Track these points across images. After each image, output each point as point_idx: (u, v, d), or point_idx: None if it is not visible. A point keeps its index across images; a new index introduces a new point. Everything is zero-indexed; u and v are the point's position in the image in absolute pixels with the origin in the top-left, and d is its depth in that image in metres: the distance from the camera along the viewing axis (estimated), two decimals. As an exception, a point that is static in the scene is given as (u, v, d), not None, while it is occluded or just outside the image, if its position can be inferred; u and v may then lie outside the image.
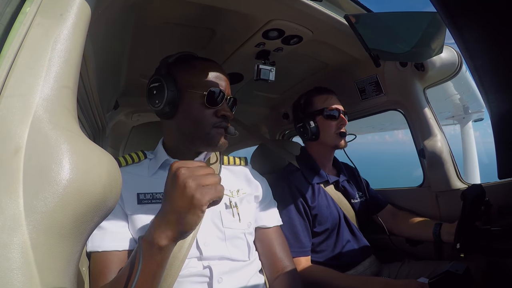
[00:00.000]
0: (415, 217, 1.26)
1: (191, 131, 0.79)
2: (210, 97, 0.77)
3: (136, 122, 1.73)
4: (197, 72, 0.80)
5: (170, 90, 0.76)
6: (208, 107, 0.77)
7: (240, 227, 0.80)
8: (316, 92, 1.29)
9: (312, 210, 1.17)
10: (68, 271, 0.33)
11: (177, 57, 0.83)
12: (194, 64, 0.82)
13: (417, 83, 1.25)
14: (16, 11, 0.39)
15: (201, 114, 0.77)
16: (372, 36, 1.01)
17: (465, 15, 0.34)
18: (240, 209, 0.82)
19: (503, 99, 0.44)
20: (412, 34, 1.02)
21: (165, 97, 0.75)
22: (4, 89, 0.34)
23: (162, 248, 0.54)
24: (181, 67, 0.81)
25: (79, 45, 0.41)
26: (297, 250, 1.09)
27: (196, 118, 0.77)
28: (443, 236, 1.09)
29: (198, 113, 0.77)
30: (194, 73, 0.80)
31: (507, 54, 0.38)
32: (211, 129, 0.78)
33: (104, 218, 0.39)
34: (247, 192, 0.87)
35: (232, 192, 0.84)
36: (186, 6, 0.83)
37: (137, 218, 0.71)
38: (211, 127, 0.78)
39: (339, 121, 1.24)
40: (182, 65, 0.82)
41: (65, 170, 0.33)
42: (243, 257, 0.78)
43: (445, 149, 1.21)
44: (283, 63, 1.19)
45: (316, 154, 1.30)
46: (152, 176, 0.80)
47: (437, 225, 1.12)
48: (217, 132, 0.78)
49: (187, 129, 0.79)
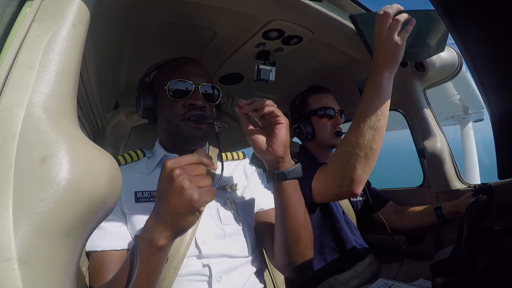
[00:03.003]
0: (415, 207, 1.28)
1: (166, 128, 0.80)
2: (172, 89, 0.77)
3: (136, 122, 1.73)
4: (166, 71, 0.83)
5: (146, 96, 0.81)
6: (174, 100, 0.78)
7: (240, 223, 0.79)
8: (311, 92, 1.29)
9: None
10: (69, 271, 0.33)
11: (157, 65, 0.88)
12: (165, 66, 0.86)
13: (417, 83, 1.25)
14: (16, 11, 0.39)
15: (170, 109, 0.78)
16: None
17: (465, 15, 0.34)
18: (239, 204, 0.81)
19: (503, 99, 0.44)
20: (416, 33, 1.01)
21: (141, 103, 0.81)
22: (4, 89, 0.34)
23: (161, 247, 0.54)
24: (156, 72, 0.86)
25: (79, 45, 0.41)
26: None
27: (166, 114, 0.79)
28: (447, 216, 1.13)
29: (167, 108, 0.79)
30: (163, 73, 0.83)
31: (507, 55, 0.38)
32: (179, 122, 0.77)
33: (104, 218, 0.39)
34: (244, 185, 0.87)
35: (231, 187, 0.84)
36: (186, 6, 0.83)
37: (135, 217, 0.71)
38: (180, 120, 0.77)
39: (335, 120, 1.23)
40: (157, 70, 0.87)
41: (65, 171, 0.33)
42: (243, 253, 0.77)
43: (445, 149, 1.21)
44: (283, 63, 1.18)
45: (315, 153, 1.30)
46: (150, 174, 0.80)
47: (437, 208, 1.15)
48: (186, 124, 0.77)
49: (164, 129, 0.82)
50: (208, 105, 0.81)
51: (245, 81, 1.41)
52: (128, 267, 0.55)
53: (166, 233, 0.53)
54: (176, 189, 0.51)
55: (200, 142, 0.82)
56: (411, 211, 1.28)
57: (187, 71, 0.81)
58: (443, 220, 1.13)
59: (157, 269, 0.56)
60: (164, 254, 0.56)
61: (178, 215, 0.52)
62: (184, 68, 0.81)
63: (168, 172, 0.52)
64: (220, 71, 1.28)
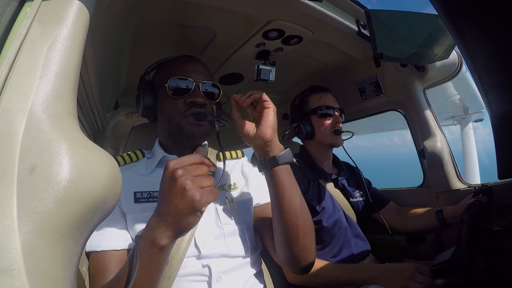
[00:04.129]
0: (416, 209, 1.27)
1: (167, 126, 0.80)
2: (172, 87, 0.77)
3: (136, 122, 1.73)
4: (165, 70, 0.83)
5: (146, 94, 0.81)
6: (174, 97, 0.78)
7: (239, 222, 0.79)
8: (311, 91, 1.29)
9: (310, 206, 1.16)
10: (68, 271, 0.33)
11: (157, 64, 0.88)
12: (164, 64, 0.86)
13: (417, 83, 1.25)
14: (16, 11, 0.39)
15: (170, 106, 0.78)
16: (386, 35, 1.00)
17: (465, 16, 0.34)
18: (237, 203, 0.81)
19: (503, 99, 0.44)
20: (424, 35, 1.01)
21: (141, 102, 0.81)
22: (4, 89, 0.34)
23: (163, 247, 0.54)
24: (156, 71, 0.86)
25: (79, 45, 0.41)
26: None
27: (167, 112, 0.79)
28: (448, 220, 1.11)
29: (167, 106, 0.79)
30: (163, 72, 0.83)
31: (507, 55, 0.38)
32: (180, 119, 0.77)
33: (104, 218, 0.39)
34: (242, 184, 0.87)
35: (229, 186, 0.84)
36: (186, 6, 0.83)
37: (134, 217, 0.71)
38: (181, 117, 0.77)
39: (334, 119, 1.23)
40: (157, 69, 0.87)
41: (65, 171, 0.33)
42: (243, 253, 0.77)
43: (445, 149, 1.21)
44: (283, 64, 1.19)
45: (314, 152, 1.30)
46: (149, 174, 0.80)
47: (438, 212, 1.14)
48: (187, 121, 0.77)
49: (165, 126, 0.81)
50: (209, 102, 0.81)
51: (245, 81, 1.41)
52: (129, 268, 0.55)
53: (168, 233, 0.53)
54: (178, 189, 0.51)
55: (200, 139, 0.82)
56: (413, 213, 1.27)
57: (188, 69, 0.81)
58: (444, 225, 1.12)
59: (158, 269, 0.56)
60: (166, 254, 0.56)
61: (180, 215, 0.52)
62: (185, 66, 0.81)
63: (171, 173, 0.52)
64: (220, 71, 1.28)
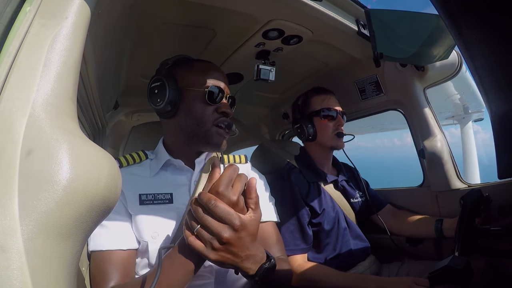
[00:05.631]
0: (415, 215, 1.27)
1: (193, 128, 0.80)
2: (211, 94, 0.79)
3: (136, 122, 1.73)
4: (197, 72, 0.82)
5: (172, 88, 0.78)
6: (209, 104, 0.79)
7: None
8: (314, 93, 1.29)
9: (311, 208, 1.17)
10: (68, 271, 0.33)
11: (176, 59, 0.86)
12: (194, 65, 0.85)
13: (417, 83, 1.25)
14: (16, 10, 0.39)
15: (202, 111, 0.79)
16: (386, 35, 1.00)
17: (465, 14, 0.34)
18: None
19: (503, 99, 0.44)
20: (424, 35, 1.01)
21: (167, 96, 0.78)
22: (4, 89, 0.34)
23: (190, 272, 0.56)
24: (181, 67, 0.84)
25: (79, 45, 0.41)
26: (293, 248, 1.09)
27: (197, 116, 0.79)
28: (445, 232, 1.09)
29: (199, 110, 0.79)
30: (194, 73, 0.82)
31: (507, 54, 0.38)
32: (211, 127, 0.79)
33: (104, 218, 0.39)
34: None
35: None
36: (186, 6, 0.83)
37: (139, 219, 0.72)
38: (212, 125, 0.79)
39: (337, 122, 1.24)
40: (182, 65, 0.84)
41: (65, 170, 0.33)
42: None
43: (445, 149, 1.21)
44: (283, 63, 1.18)
45: (315, 154, 1.30)
46: (153, 176, 0.80)
47: (438, 221, 1.12)
48: (217, 131, 0.80)
49: (188, 127, 0.80)
50: None
51: (245, 81, 1.41)
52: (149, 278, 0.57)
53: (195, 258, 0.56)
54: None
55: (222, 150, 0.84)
56: (410, 220, 1.26)
57: (219, 79, 0.83)
58: (441, 236, 1.09)
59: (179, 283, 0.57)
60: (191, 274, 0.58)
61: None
62: (218, 75, 0.83)
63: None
64: (220, 71, 1.28)
